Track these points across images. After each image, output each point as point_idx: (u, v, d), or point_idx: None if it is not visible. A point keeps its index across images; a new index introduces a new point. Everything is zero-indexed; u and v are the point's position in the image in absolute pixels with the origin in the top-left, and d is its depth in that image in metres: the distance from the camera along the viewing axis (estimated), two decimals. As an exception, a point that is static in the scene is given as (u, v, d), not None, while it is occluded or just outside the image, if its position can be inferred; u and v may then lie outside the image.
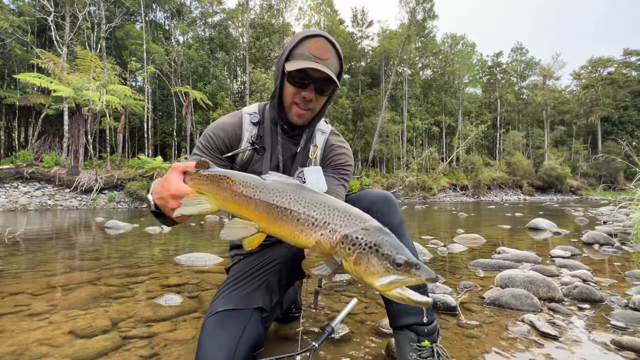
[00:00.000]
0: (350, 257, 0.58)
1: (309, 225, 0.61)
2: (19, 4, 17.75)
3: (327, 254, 0.60)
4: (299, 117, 1.03)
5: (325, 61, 0.95)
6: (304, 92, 0.98)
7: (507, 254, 2.77)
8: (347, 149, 1.18)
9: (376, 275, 0.56)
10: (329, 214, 0.61)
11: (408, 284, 0.56)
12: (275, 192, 0.65)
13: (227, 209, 0.70)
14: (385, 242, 0.58)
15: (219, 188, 0.70)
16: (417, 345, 0.89)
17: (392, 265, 0.56)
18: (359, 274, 0.58)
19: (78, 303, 1.65)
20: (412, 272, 0.57)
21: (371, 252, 0.57)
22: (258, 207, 0.65)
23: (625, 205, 5.74)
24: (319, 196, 0.65)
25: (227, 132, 1.07)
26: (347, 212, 0.62)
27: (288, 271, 1.10)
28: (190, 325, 1.38)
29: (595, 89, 39.45)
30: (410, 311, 0.92)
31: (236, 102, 23.94)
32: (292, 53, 0.97)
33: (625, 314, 1.46)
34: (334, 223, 0.60)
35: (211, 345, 0.86)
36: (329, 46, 0.96)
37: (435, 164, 28.99)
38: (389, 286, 0.56)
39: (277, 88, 1.02)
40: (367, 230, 0.59)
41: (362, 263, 0.57)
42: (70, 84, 12.72)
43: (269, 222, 0.65)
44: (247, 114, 1.11)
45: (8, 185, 12.28)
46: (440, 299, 1.57)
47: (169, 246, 3.56)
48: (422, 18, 30.21)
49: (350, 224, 0.60)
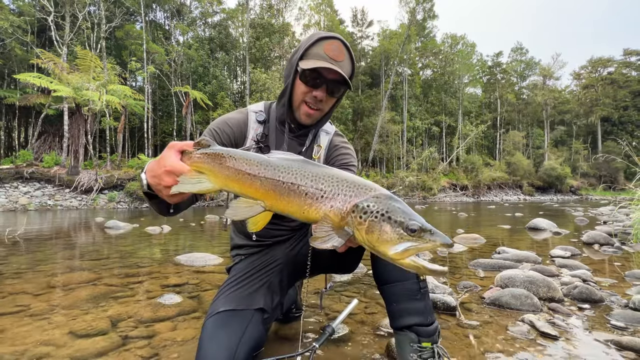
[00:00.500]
0: (362, 226, 0.56)
1: (317, 198, 0.60)
2: (19, 4, 17.74)
3: (338, 226, 0.59)
4: (307, 117, 1.03)
5: (339, 63, 0.95)
6: (315, 91, 0.98)
7: (507, 254, 2.77)
8: (350, 149, 1.18)
9: (389, 243, 0.55)
10: (337, 185, 0.60)
11: (422, 250, 0.55)
12: (281, 169, 0.64)
13: (229, 188, 0.67)
14: (398, 209, 0.57)
15: (220, 166, 0.68)
16: (418, 345, 0.89)
17: (406, 232, 0.54)
18: (372, 243, 0.56)
19: (78, 303, 1.65)
20: (427, 237, 0.55)
21: (383, 219, 0.55)
22: (264, 184, 0.63)
23: (625, 205, 5.74)
24: (325, 169, 0.64)
25: (232, 129, 1.07)
26: (355, 182, 0.61)
27: (289, 272, 1.10)
28: (190, 326, 1.38)
29: (595, 89, 39.44)
30: (411, 312, 0.92)
31: (236, 102, 23.93)
32: (307, 52, 0.97)
33: (625, 314, 1.46)
34: (344, 193, 0.59)
35: (212, 345, 0.86)
36: (344, 49, 0.97)
37: (435, 164, 28.98)
38: (402, 254, 0.54)
39: (288, 86, 1.01)
40: (378, 198, 0.58)
41: (374, 231, 0.55)
42: (70, 84, 12.72)
43: (276, 199, 0.62)
44: (253, 112, 1.11)
45: (8, 185, 12.27)
46: (440, 299, 1.57)
47: (169, 246, 3.56)
48: (422, 18, 30.20)
49: (360, 193, 0.59)
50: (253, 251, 1.16)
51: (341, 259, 1.09)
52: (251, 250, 1.16)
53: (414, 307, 0.92)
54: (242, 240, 1.19)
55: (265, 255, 1.12)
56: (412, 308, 0.92)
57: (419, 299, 0.92)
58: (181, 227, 5.39)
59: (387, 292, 0.96)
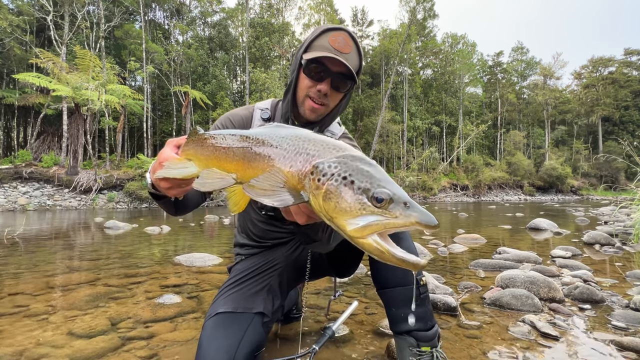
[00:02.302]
0: (318, 190, 0.46)
1: (280, 159, 0.52)
2: (18, 4, 17.71)
3: (293, 188, 0.50)
4: (312, 112, 0.98)
5: (345, 55, 0.90)
6: (319, 85, 0.92)
7: (507, 254, 2.76)
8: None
9: (348, 214, 0.43)
10: (302, 144, 0.52)
11: (390, 227, 0.42)
12: (252, 136, 0.59)
13: (210, 167, 0.64)
14: (365, 172, 0.45)
15: (202, 148, 0.66)
16: (417, 350, 0.88)
17: (370, 202, 0.42)
18: (328, 213, 0.45)
19: (77, 303, 1.65)
20: (398, 211, 0.42)
21: (345, 183, 0.44)
22: (235, 154, 0.59)
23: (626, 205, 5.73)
24: (296, 130, 0.57)
25: (235, 125, 1.05)
26: (323, 141, 0.52)
27: (289, 275, 1.10)
28: (190, 326, 1.38)
29: (596, 88, 39.40)
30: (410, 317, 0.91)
31: (236, 101, 23.91)
32: (312, 45, 0.92)
33: (626, 315, 1.46)
34: (306, 153, 0.50)
35: (211, 346, 0.85)
36: (351, 41, 0.92)
37: (435, 163, 28.98)
38: (363, 230, 0.42)
39: (292, 80, 0.97)
40: (343, 158, 0.48)
41: (331, 198, 0.44)
42: (69, 84, 12.70)
43: (245, 167, 0.57)
44: (259, 109, 1.09)
45: (7, 186, 12.26)
46: (440, 299, 1.56)
47: (169, 246, 3.55)
48: (422, 17, 30.18)
49: (323, 153, 0.49)
50: (253, 252, 1.16)
51: (340, 262, 1.08)
52: (251, 250, 1.16)
53: (413, 312, 0.91)
54: (243, 239, 1.18)
55: (266, 257, 1.12)
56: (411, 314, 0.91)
57: (419, 304, 0.91)
58: (181, 227, 5.38)
59: (386, 296, 0.95)
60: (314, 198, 0.47)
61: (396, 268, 0.92)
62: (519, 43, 38.99)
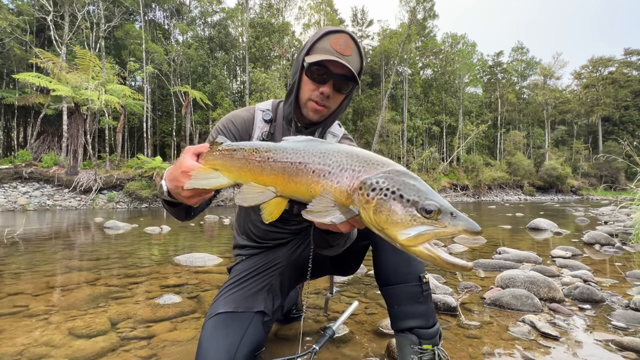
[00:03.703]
0: (369, 204, 0.49)
1: (324, 175, 0.55)
2: (18, 4, 17.70)
3: (343, 204, 0.53)
4: (314, 113, 1.00)
5: (346, 57, 0.92)
6: (322, 87, 0.94)
7: (507, 254, 2.76)
8: None
9: (400, 225, 0.47)
10: (345, 160, 0.55)
11: (440, 236, 0.47)
12: (289, 150, 0.61)
13: (241, 179, 0.67)
14: (412, 186, 0.49)
15: (232, 159, 0.67)
16: (419, 348, 0.88)
17: (420, 213, 0.46)
18: (380, 225, 0.49)
19: (77, 303, 1.65)
20: (446, 221, 0.46)
21: (394, 197, 0.48)
22: (273, 169, 0.61)
23: (626, 205, 5.74)
24: (334, 145, 0.60)
25: (237, 127, 1.05)
26: (366, 157, 0.56)
27: (290, 274, 1.10)
28: (190, 326, 1.38)
29: (596, 88, 39.39)
30: (413, 314, 0.91)
31: (235, 101, 23.91)
32: (314, 47, 0.94)
33: (626, 315, 1.46)
34: (352, 169, 0.53)
35: (211, 346, 0.85)
36: (352, 43, 0.93)
37: (435, 163, 28.98)
38: (415, 239, 0.46)
39: (295, 82, 0.99)
40: (390, 173, 0.51)
41: (383, 211, 0.48)
42: (69, 84, 12.69)
43: (286, 181, 0.60)
44: (260, 110, 1.09)
45: (7, 186, 12.26)
46: (440, 299, 1.56)
47: (168, 246, 3.55)
48: (422, 17, 30.17)
49: (369, 168, 0.53)
50: (254, 252, 1.16)
51: (342, 262, 1.08)
52: (252, 251, 1.16)
53: (415, 310, 0.91)
54: (243, 240, 1.18)
55: (267, 256, 1.12)
56: (413, 311, 0.91)
57: (421, 302, 0.91)
58: (180, 228, 5.38)
59: (389, 293, 0.95)
60: (364, 212, 0.51)
61: (398, 266, 0.93)
62: (519, 43, 39.02)
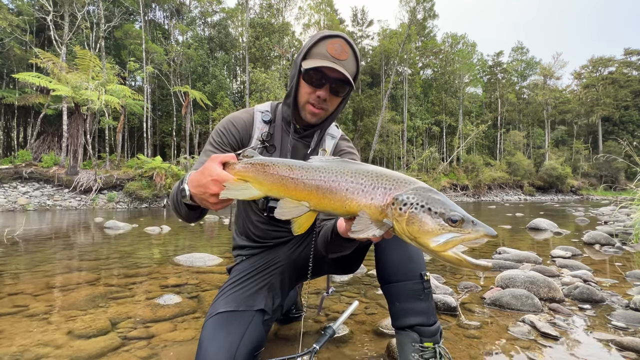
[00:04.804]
0: (402, 217, 0.58)
1: (358, 193, 0.63)
2: (18, 4, 17.69)
3: (377, 219, 0.61)
4: (312, 116, 1.03)
5: (342, 62, 0.95)
6: (319, 91, 0.97)
7: (507, 254, 2.76)
8: (356, 155, 1.18)
9: (431, 234, 0.56)
10: (376, 179, 0.63)
11: (466, 241, 0.55)
12: (321, 169, 0.68)
13: (273, 193, 0.73)
14: (438, 200, 0.58)
15: (265, 174, 0.73)
16: (420, 345, 0.88)
17: (447, 223, 0.55)
18: (413, 235, 0.57)
19: (77, 303, 1.65)
20: (469, 228, 0.55)
21: (423, 210, 0.57)
22: (307, 186, 0.68)
23: (626, 205, 5.74)
24: (364, 166, 0.68)
25: (238, 128, 1.07)
26: (394, 176, 0.64)
27: (290, 273, 1.10)
28: (190, 326, 1.38)
29: (596, 88, 39.39)
30: (414, 312, 0.91)
31: (235, 101, 23.90)
32: (310, 52, 0.97)
33: (626, 315, 1.46)
34: (383, 187, 0.62)
35: (211, 346, 0.85)
36: (347, 47, 0.96)
37: (435, 163, 28.98)
38: (445, 246, 0.55)
39: (292, 86, 1.02)
40: (417, 190, 0.60)
41: (415, 223, 0.57)
42: (69, 84, 12.69)
43: (320, 197, 0.66)
44: (259, 111, 1.12)
45: (7, 186, 12.25)
46: (440, 299, 1.56)
47: (169, 246, 3.55)
48: (422, 17, 30.17)
49: (399, 186, 0.61)
50: (254, 252, 1.16)
51: (343, 261, 1.08)
52: (252, 251, 1.16)
53: (417, 307, 0.91)
54: (243, 241, 1.18)
55: (267, 256, 1.12)
56: (415, 308, 0.91)
57: (422, 299, 0.92)
58: (180, 228, 5.38)
59: (390, 291, 0.95)
60: (398, 224, 0.59)
61: (400, 264, 0.95)
62: (518, 43, 39.03)
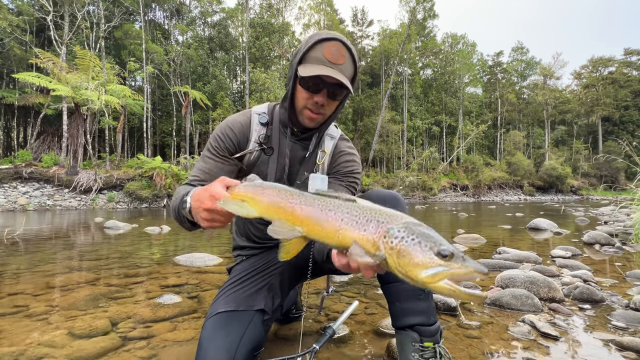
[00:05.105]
0: (393, 250, 0.60)
1: (352, 224, 0.66)
2: (18, 4, 17.70)
3: (370, 251, 0.64)
4: (310, 121, 1.02)
5: (339, 66, 0.93)
6: (316, 96, 0.96)
7: (507, 254, 2.76)
8: (355, 156, 1.16)
9: (421, 266, 0.57)
10: (370, 213, 0.66)
11: (455, 275, 0.57)
12: (319, 199, 0.71)
13: (269, 215, 0.75)
14: (428, 235, 0.61)
15: (262, 195, 0.76)
16: (420, 345, 0.88)
17: (438, 257, 0.57)
18: (403, 267, 0.59)
19: (77, 303, 1.65)
20: (459, 263, 0.57)
21: (414, 243, 0.59)
22: (303, 212, 0.71)
23: (626, 205, 5.74)
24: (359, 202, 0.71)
25: (235, 133, 1.07)
26: (386, 211, 0.66)
27: (290, 274, 1.10)
28: (190, 326, 1.38)
29: (596, 88, 39.41)
30: (414, 311, 0.91)
31: (236, 101, 23.92)
32: (306, 56, 0.94)
33: (626, 315, 1.46)
34: (376, 220, 0.64)
35: (211, 346, 0.85)
36: (345, 50, 0.93)
37: (435, 163, 28.99)
38: (434, 277, 0.57)
39: (289, 90, 1.00)
40: (408, 224, 0.62)
41: (405, 255, 0.59)
42: (69, 84, 12.69)
43: (314, 225, 0.70)
44: (256, 113, 1.11)
45: (7, 186, 12.25)
46: (440, 299, 1.56)
47: (169, 246, 3.55)
48: (422, 17, 30.19)
49: (391, 220, 0.63)
50: (254, 252, 1.16)
51: None
52: (253, 251, 1.17)
53: (417, 306, 0.91)
54: (243, 241, 1.19)
55: (267, 256, 1.12)
56: (415, 308, 0.91)
57: (423, 299, 0.92)
58: (180, 228, 5.37)
59: (390, 290, 0.95)
60: (390, 257, 0.61)
61: None
62: (518, 43, 39.05)
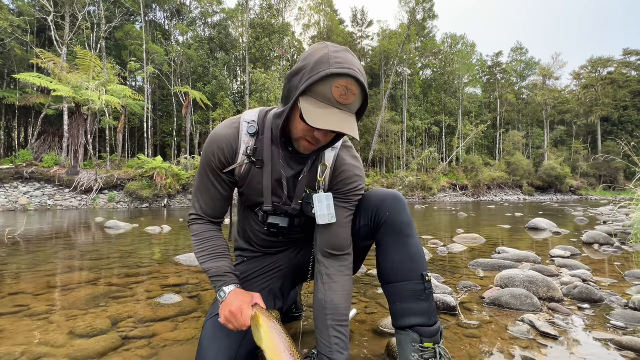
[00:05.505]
0: None
1: None
2: (19, 4, 17.71)
3: None
4: (306, 150, 0.91)
5: (348, 106, 0.81)
6: (317, 133, 0.84)
7: (507, 253, 2.77)
8: (359, 168, 1.04)
9: None
10: None
11: None
12: None
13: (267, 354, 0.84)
14: None
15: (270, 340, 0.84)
16: (420, 346, 0.89)
17: None
18: None
19: (78, 303, 1.65)
20: None
21: None
22: None
23: (625, 205, 5.75)
24: None
25: (222, 149, 0.98)
26: None
27: (291, 277, 1.10)
28: (190, 326, 1.38)
29: (595, 88, 39.42)
30: (414, 312, 0.91)
31: (236, 102, 23.92)
32: (313, 89, 0.79)
33: (625, 314, 1.47)
34: None
35: (212, 347, 0.86)
36: (356, 88, 0.80)
37: (435, 164, 28.99)
38: None
39: (286, 111, 0.85)
40: None
41: None
42: (70, 84, 12.71)
43: None
44: (245, 122, 1.00)
45: (8, 186, 12.26)
46: (440, 299, 1.57)
47: (169, 246, 3.56)
48: (422, 18, 30.20)
49: None
50: (256, 255, 1.17)
51: None
52: (254, 254, 1.17)
53: (417, 307, 0.91)
54: (245, 245, 1.20)
55: (268, 259, 1.13)
56: (415, 308, 0.91)
57: (423, 300, 0.91)
58: (181, 227, 5.38)
59: (391, 291, 0.96)
60: None
61: (401, 264, 0.93)
62: (518, 43, 39.03)
